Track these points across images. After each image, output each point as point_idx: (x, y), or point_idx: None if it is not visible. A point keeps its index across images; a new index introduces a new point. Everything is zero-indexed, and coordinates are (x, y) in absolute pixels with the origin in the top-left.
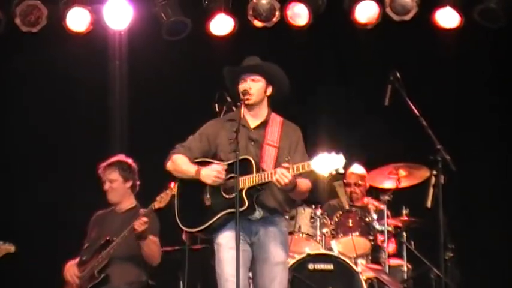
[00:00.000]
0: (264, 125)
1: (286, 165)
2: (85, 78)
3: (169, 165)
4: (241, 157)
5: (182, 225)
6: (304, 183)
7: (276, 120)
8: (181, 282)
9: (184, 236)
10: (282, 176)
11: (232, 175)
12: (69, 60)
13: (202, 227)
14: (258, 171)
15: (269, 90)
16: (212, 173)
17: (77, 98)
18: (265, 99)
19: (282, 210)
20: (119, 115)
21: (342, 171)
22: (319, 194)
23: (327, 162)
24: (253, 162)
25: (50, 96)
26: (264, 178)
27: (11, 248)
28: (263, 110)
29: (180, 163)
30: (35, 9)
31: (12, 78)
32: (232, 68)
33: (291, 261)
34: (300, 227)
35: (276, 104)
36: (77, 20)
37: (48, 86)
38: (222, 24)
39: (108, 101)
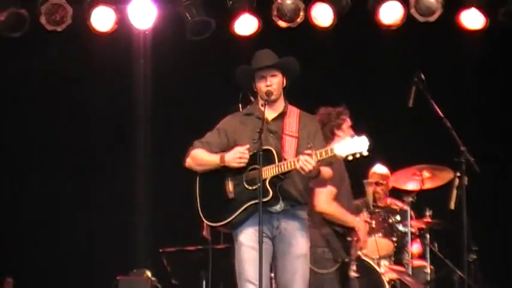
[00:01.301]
0: (281, 116)
1: (308, 151)
2: (109, 77)
3: (188, 161)
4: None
5: (206, 221)
6: (326, 171)
7: (293, 111)
8: (204, 282)
9: (204, 232)
10: (306, 162)
11: (255, 166)
12: (94, 60)
13: (228, 220)
14: (280, 160)
15: (285, 82)
16: (236, 154)
17: (100, 98)
18: (282, 91)
19: (303, 200)
20: (142, 114)
21: (366, 153)
22: None
23: (350, 146)
24: (274, 152)
25: (73, 96)
26: (287, 166)
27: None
28: (280, 103)
29: (201, 155)
30: (60, 8)
31: (36, 77)
32: (253, 67)
33: None
34: None
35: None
36: (102, 19)
37: (72, 86)
38: (246, 24)
39: (132, 101)
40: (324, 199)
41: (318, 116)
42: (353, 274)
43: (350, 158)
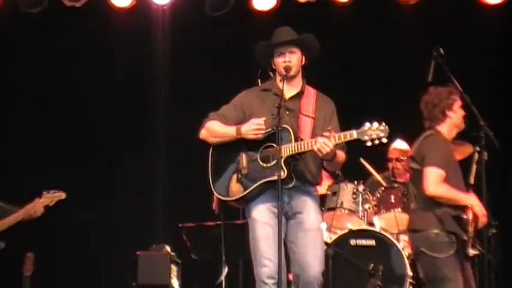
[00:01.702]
0: (299, 95)
1: (327, 134)
2: (128, 53)
3: (203, 133)
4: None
5: (218, 195)
6: (341, 155)
7: (310, 92)
8: (223, 257)
9: (214, 206)
10: (324, 145)
11: (270, 144)
12: (113, 35)
13: (240, 195)
14: (296, 140)
15: (303, 60)
16: (252, 126)
17: (120, 74)
18: (300, 69)
19: (314, 181)
20: (161, 90)
21: (385, 140)
22: None
23: (370, 132)
24: (291, 131)
25: (93, 72)
26: (305, 147)
27: (63, 195)
28: (298, 81)
29: (216, 127)
30: None
31: (55, 53)
32: (272, 43)
33: (333, 237)
34: (342, 202)
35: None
36: None
37: (90, 61)
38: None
39: (151, 76)
40: (433, 182)
41: (427, 97)
42: (472, 252)
43: (369, 143)
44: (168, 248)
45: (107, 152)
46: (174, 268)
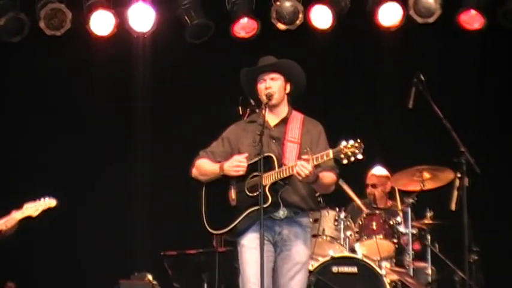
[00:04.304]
0: (284, 122)
1: (305, 156)
2: (109, 81)
3: (194, 172)
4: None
5: (210, 229)
6: (328, 176)
7: (297, 117)
8: (205, 285)
9: (215, 243)
10: (302, 167)
11: (256, 173)
12: (93, 64)
13: (229, 227)
14: (279, 167)
15: (288, 88)
16: (233, 163)
17: (100, 102)
18: (285, 97)
19: (306, 207)
20: (142, 118)
21: (360, 157)
22: None
23: (346, 150)
24: (274, 159)
25: (73, 100)
26: (285, 172)
27: (53, 203)
28: (283, 108)
29: (203, 165)
30: (59, 12)
31: (35, 81)
32: (251, 69)
33: (315, 264)
34: (324, 229)
35: (294, 100)
36: (101, 23)
37: (71, 90)
38: (245, 27)
39: (131, 104)
40: None
41: None
42: None
43: (345, 161)
44: (150, 277)
45: (88, 177)
46: None
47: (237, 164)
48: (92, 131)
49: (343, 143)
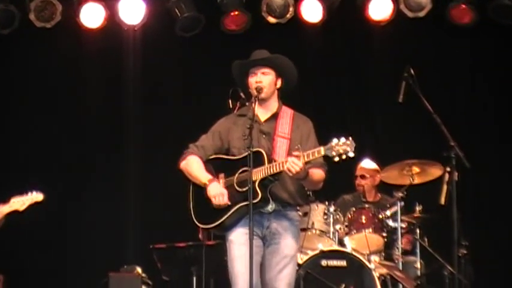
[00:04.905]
0: (274, 117)
1: (296, 153)
2: (98, 74)
3: (183, 165)
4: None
5: (198, 223)
6: (317, 173)
7: (287, 112)
8: (194, 278)
9: (200, 236)
10: (293, 164)
11: (245, 168)
12: (83, 56)
13: (218, 222)
14: (269, 162)
15: (279, 83)
16: (219, 190)
17: (90, 95)
18: (276, 92)
19: (294, 202)
20: (132, 111)
21: (352, 155)
22: None
23: (337, 148)
24: (264, 154)
25: (63, 93)
26: (276, 168)
27: (39, 197)
28: (273, 103)
29: (193, 167)
30: (49, 4)
31: (25, 73)
32: (243, 62)
33: (304, 258)
34: (313, 223)
35: (285, 96)
36: (91, 15)
37: (61, 82)
38: (235, 21)
39: (121, 97)
40: None
41: None
42: None
43: (336, 159)
44: (139, 269)
45: (78, 171)
46: None
47: (219, 195)
48: (83, 123)
49: (335, 140)
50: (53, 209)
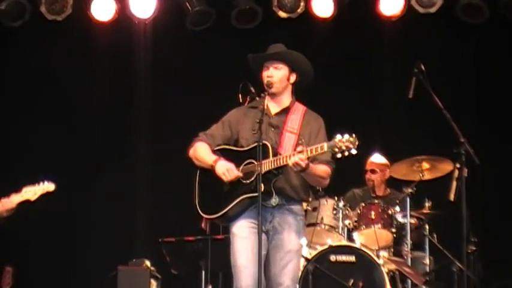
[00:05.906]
0: (285, 111)
1: (300, 148)
2: (109, 67)
3: (191, 152)
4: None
5: (202, 212)
6: (321, 169)
7: (299, 108)
8: (203, 272)
9: (203, 224)
10: (299, 160)
11: (250, 160)
12: (94, 49)
13: (221, 212)
14: (274, 155)
15: (292, 78)
16: (227, 166)
17: (100, 88)
18: (289, 86)
19: (298, 197)
20: (143, 105)
21: (354, 152)
22: None
23: (340, 144)
24: (269, 147)
25: (73, 87)
26: (280, 162)
27: (51, 187)
28: (286, 98)
29: (200, 151)
30: None
31: (35, 66)
32: (255, 55)
33: (313, 253)
34: (322, 218)
35: (301, 92)
36: (102, 8)
37: (71, 75)
38: (246, 15)
39: (132, 91)
40: None
41: None
42: None
43: (339, 155)
44: (147, 263)
45: (88, 164)
46: (153, 283)
47: (228, 171)
48: (92, 116)
49: (338, 136)
50: (62, 201)
